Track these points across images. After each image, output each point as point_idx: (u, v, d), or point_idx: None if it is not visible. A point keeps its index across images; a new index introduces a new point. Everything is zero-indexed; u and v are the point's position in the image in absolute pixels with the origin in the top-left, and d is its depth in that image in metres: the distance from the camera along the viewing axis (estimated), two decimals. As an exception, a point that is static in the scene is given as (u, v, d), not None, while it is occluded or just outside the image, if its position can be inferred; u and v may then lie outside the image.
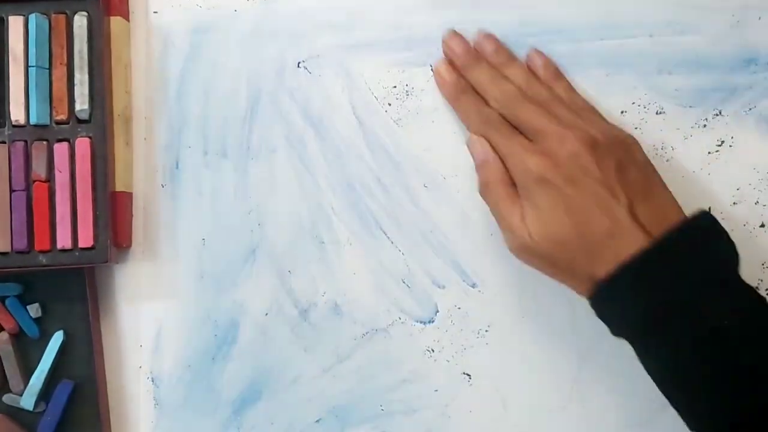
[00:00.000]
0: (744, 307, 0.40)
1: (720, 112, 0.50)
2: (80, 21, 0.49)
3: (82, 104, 0.49)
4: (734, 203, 0.50)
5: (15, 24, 0.49)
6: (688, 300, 0.39)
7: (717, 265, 0.41)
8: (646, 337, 0.41)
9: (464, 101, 0.48)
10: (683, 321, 0.39)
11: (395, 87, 0.51)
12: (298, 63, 0.52)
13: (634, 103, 0.51)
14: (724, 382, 0.39)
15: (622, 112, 0.50)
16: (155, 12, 0.52)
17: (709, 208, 0.50)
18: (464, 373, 0.50)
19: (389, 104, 0.51)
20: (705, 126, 0.50)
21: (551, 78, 0.49)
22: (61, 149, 0.49)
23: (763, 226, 0.50)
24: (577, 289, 0.43)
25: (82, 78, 0.49)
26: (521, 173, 0.43)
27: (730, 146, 0.50)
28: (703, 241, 0.41)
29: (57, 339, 0.50)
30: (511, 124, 0.46)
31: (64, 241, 0.48)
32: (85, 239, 0.48)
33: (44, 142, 0.49)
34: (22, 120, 0.49)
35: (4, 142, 0.49)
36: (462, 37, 0.50)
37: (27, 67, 0.49)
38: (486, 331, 0.51)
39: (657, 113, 0.51)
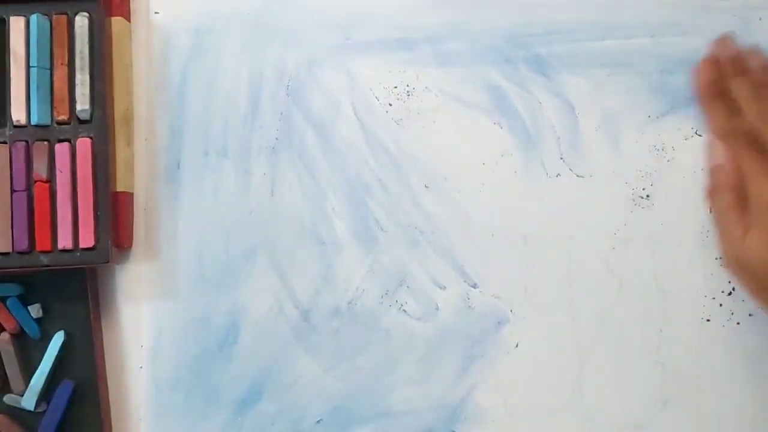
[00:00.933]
0: None
1: (721, 112, 0.50)
2: (81, 21, 0.49)
3: (83, 104, 0.49)
4: (735, 203, 0.50)
5: (16, 24, 0.49)
6: None
7: None
8: None
9: (718, 106, 0.48)
10: None
11: (396, 87, 0.51)
12: (299, 63, 0.52)
13: (635, 103, 0.51)
14: None
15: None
16: (156, 12, 0.52)
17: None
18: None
19: (390, 104, 0.51)
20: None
21: None
22: (62, 149, 0.49)
23: (764, 226, 0.50)
24: None
25: (83, 78, 0.49)
26: (758, 196, 0.44)
27: (732, 146, 0.50)
28: None
29: (58, 339, 0.50)
30: (759, 143, 0.45)
31: (65, 241, 0.48)
32: (86, 239, 0.48)
33: (45, 143, 0.49)
34: (23, 120, 0.49)
35: (5, 143, 0.49)
36: (733, 43, 0.49)
37: (28, 67, 0.49)
38: (487, 331, 0.51)
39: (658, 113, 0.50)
